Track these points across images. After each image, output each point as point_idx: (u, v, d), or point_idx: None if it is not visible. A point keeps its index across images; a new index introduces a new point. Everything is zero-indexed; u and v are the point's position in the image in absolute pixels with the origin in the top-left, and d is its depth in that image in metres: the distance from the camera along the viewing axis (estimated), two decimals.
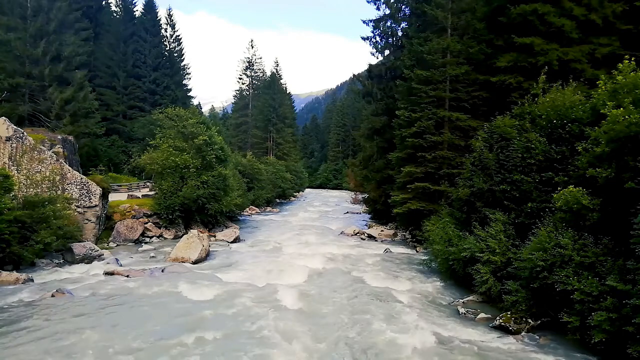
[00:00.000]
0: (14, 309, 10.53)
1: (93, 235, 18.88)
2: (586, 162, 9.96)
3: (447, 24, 21.81)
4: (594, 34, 17.18)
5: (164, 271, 14.90)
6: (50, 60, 29.93)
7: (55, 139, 22.41)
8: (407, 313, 11.10)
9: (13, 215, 13.77)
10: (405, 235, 24.77)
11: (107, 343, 8.59)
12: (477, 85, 20.25)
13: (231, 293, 12.44)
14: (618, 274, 8.26)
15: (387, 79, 29.96)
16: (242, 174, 37.14)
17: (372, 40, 30.04)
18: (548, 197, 10.96)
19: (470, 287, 12.51)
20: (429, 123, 20.42)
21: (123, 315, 10.29)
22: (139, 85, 46.94)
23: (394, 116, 23.30)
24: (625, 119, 8.72)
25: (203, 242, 17.60)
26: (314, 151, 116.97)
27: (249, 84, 71.52)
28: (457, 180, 15.32)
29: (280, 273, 15.08)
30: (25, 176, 17.07)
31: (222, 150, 25.62)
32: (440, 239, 14.31)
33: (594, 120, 10.75)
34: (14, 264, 13.94)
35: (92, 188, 19.16)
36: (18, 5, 28.94)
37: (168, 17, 52.19)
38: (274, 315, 10.56)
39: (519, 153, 12.26)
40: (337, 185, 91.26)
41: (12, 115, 24.90)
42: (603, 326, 8.01)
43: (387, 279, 14.78)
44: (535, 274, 9.65)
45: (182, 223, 23.45)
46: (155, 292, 12.32)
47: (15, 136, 17.78)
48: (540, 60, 16.36)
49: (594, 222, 9.46)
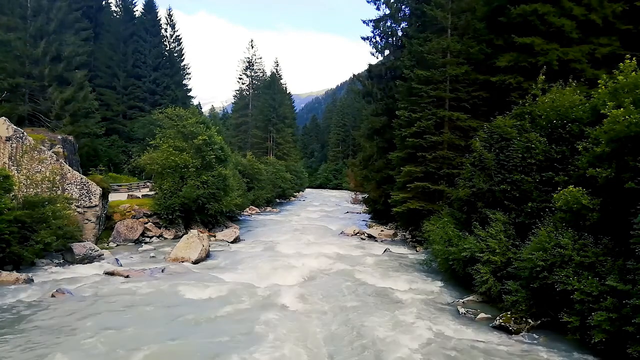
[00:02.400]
0: (14, 309, 10.53)
1: (93, 235, 18.87)
2: (586, 162, 9.96)
3: (447, 24, 21.80)
4: (594, 34, 17.17)
5: (164, 271, 14.92)
6: (50, 60, 29.91)
7: (55, 139, 22.43)
8: (407, 313, 11.12)
9: (13, 215, 13.75)
10: (405, 235, 24.77)
11: (107, 343, 8.60)
12: (477, 85, 20.23)
13: (231, 293, 12.46)
14: (618, 274, 8.27)
15: (387, 79, 29.95)
16: (242, 174, 37.12)
17: (372, 40, 30.03)
18: (548, 197, 10.97)
19: (470, 287, 12.51)
20: (428, 123, 20.42)
21: (123, 315, 10.29)
22: (139, 85, 46.96)
23: (394, 116, 23.30)
24: (626, 119, 8.73)
25: (203, 242, 17.60)
26: (314, 151, 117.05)
27: (249, 84, 71.57)
28: (457, 180, 15.32)
29: (280, 273, 15.08)
30: (25, 176, 17.04)
31: (222, 150, 25.62)
32: (440, 239, 14.31)
33: (594, 120, 10.76)
34: (14, 264, 13.93)
35: (92, 188, 19.16)
36: (18, 5, 28.93)
37: (168, 17, 52.26)
38: (274, 315, 10.58)
39: (519, 153, 12.25)
40: (337, 185, 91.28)
41: (12, 115, 24.89)
42: (603, 326, 8.01)
43: (387, 279, 14.78)
44: (535, 274, 9.66)
45: (182, 223, 23.45)
46: (155, 292, 12.34)
47: (15, 136, 17.78)
48: (541, 60, 16.35)
49: (594, 222, 9.46)
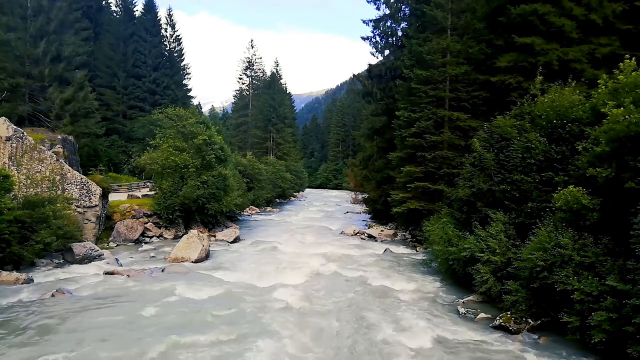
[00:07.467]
0: (14, 309, 10.53)
1: (93, 235, 18.88)
2: (586, 161, 9.95)
3: (447, 24, 21.79)
4: (594, 34, 17.17)
5: (164, 271, 14.92)
6: (50, 60, 29.95)
7: (55, 139, 22.45)
8: (407, 313, 11.12)
9: (13, 215, 13.76)
10: (405, 235, 24.77)
11: (107, 343, 8.61)
12: (477, 85, 20.24)
13: (231, 293, 12.46)
14: (618, 274, 8.26)
15: (387, 79, 29.94)
16: (242, 174, 37.10)
17: (372, 40, 30.02)
18: (548, 197, 10.97)
19: (470, 287, 12.51)
20: (428, 123, 20.42)
21: (123, 315, 10.28)
22: (139, 85, 46.98)
23: (394, 116, 23.29)
24: (626, 119, 8.72)
25: (203, 242, 17.60)
26: (314, 151, 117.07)
27: (249, 84, 71.55)
28: (457, 180, 15.32)
29: (280, 273, 15.11)
30: (25, 176, 17.05)
31: (222, 150, 25.60)
32: (440, 239, 14.30)
33: (594, 120, 10.75)
34: (14, 264, 13.94)
35: (92, 188, 19.16)
36: (18, 5, 28.97)
37: (168, 17, 52.28)
38: (273, 315, 10.58)
39: (519, 153, 12.25)
40: (337, 185, 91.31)
41: (12, 115, 24.91)
42: (603, 326, 8.00)
43: (387, 278, 14.78)
44: (535, 274, 9.65)
45: (182, 223, 23.44)
46: (155, 292, 12.34)
47: (15, 136, 17.78)
48: (541, 60, 16.35)
49: (594, 222, 9.45)
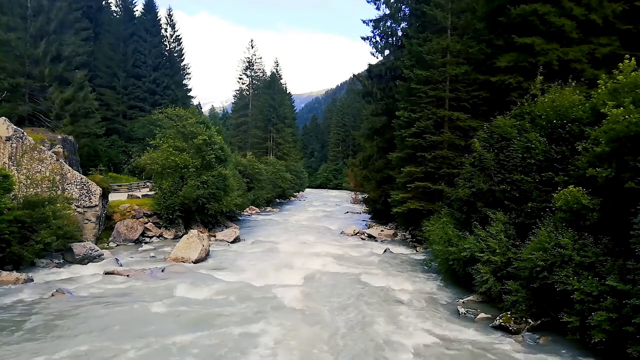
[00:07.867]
0: (14, 308, 10.53)
1: (93, 235, 18.87)
2: (586, 161, 9.95)
3: (447, 24, 21.80)
4: (594, 34, 17.16)
5: (164, 271, 14.91)
6: (50, 60, 29.92)
7: (55, 139, 22.45)
8: (407, 313, 11.13)
9: (13, 215, 13.75)
10: (405, 235, 24.77)
11: (107, 343, 8.61)
12: (477, 85, 20.23)
13: (231, 293, 12.46)
14: (618, 274, 8.26)
15: (387, 79, 29.94)
16: (242, 174, 37.11)
17: (372, 40, 30.04)
18: (548, 197, 10.97)
19: (470, 287, 12.50)
20: (428, 123, 20.42)
21: (123, 315, 10.29)
22: (139, 85, 46.96)
23: (394, 116, 23.29)
24: (625, 119, 8.72)
25: (203, 242, 17.60)
26: (314, 151, 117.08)
27: (249, 84, 71.55)
28: (457, 180, 15.32)
29: (280, 273, 15.11)
30: (25, 176, 17.03)
31: (222, 150, 25.60)
32: (440, 239, 14.30)
33: (594, 120, 10.75)
34: (14, 264, 13.93)
35: (92, 188, 19.16)
36: (18, 5, 28.94)
37: (168, 17, 52.25)
38: (273, 315, 10.58)
39: (519, 153, 12.25)
40: (337, 185, 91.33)
41: (12, 115, 24.90)
42: (603, 326, 8.00)
43: (387, 278, 14.78)
44: (535, 274, 9.65)
45: (182, 223, 23.44)
46: (155, 291, 12.33)
47: (15, 136, 17.77)
48: (541, 60, 16.34)
49: (594, 222, 9.45)
